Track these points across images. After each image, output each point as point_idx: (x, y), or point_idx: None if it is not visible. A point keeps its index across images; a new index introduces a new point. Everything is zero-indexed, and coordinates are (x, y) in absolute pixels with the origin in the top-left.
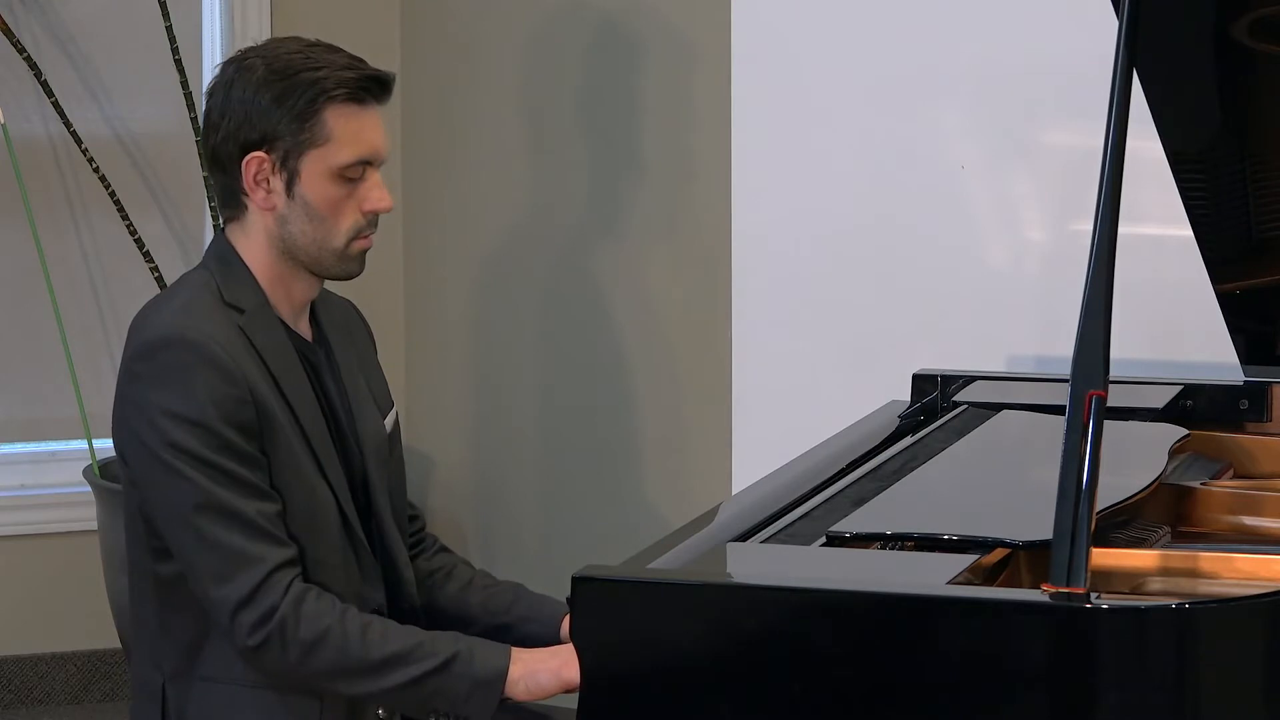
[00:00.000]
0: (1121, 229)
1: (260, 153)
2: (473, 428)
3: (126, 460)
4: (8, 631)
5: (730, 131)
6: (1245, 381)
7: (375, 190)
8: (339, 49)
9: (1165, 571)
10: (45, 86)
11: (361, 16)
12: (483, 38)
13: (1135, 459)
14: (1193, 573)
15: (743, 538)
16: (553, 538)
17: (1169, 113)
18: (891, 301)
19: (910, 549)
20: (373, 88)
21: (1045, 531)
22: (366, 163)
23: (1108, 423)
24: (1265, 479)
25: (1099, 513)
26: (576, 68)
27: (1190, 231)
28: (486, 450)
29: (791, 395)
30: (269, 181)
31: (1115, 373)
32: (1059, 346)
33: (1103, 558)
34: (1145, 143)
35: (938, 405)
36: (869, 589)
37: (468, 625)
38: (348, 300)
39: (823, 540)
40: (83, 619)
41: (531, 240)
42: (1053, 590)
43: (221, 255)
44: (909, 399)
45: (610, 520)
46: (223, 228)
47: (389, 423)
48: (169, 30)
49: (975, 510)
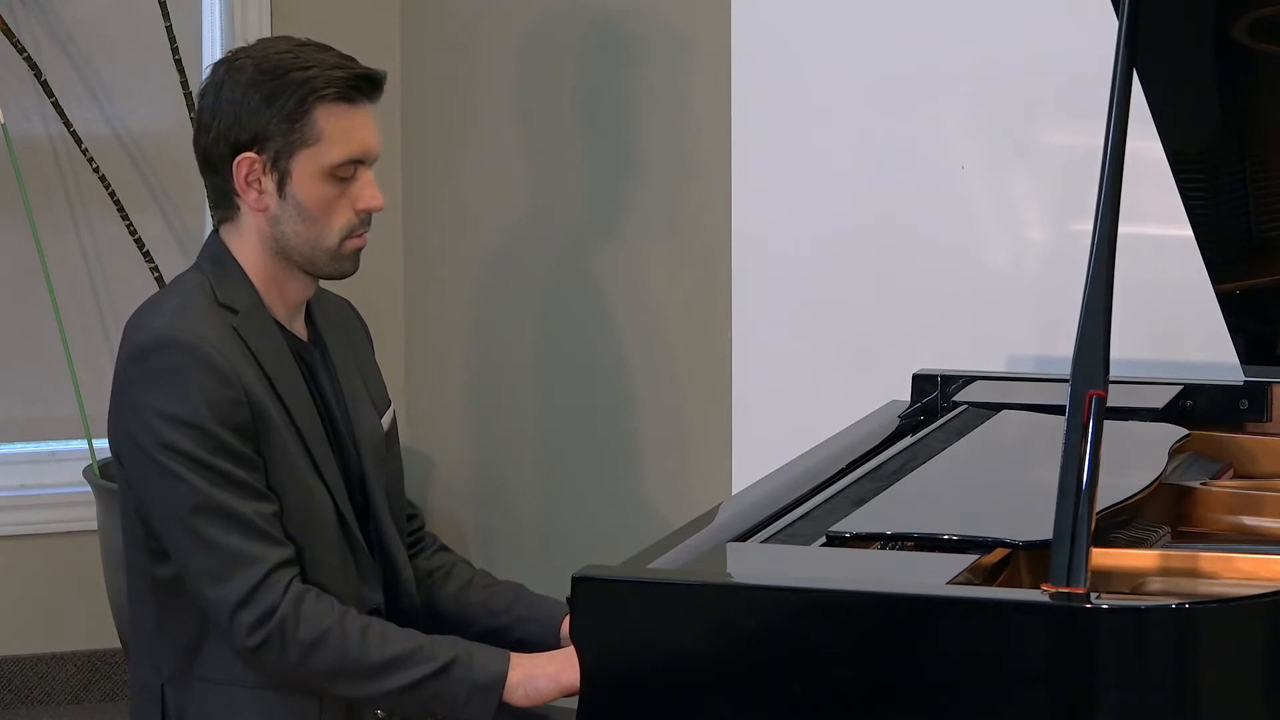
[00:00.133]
0: (1121, 229)
1: (251, 153)
2: (473, 428)
3: (122, 462)
4: (8, 631)
5: (730, 131)
6: (1245, 381)
7: (368, 189)
8: (329, 48)
9: (1165, 571)
10: (45, 86)
11: (361, 16)
12: (482, 38)
13: (1135, 459)
14: (1193, 573)
15: (743, 538)
16: (553, 538)
17: (1169, 113)
18: (891, 301)
19: (910, 549)
20: (363, 86)
21: (1045, 531)
22: (358, 161)
23: (1108, 423)
24: (1265, 479)
25: (1099, 513)
26: (576, 68)
27: (1190, 231)
28: (486, 450)
29: (791, 395)
30: (260, 182)
31: (1115, 373)
32: (1059, 346)
33: (1103, 558)
34: (1145, 143)
35: (938, 405)
36: (869, 589)
37: (467, 625)
38: (344, 299)
39: (823, 540)
40: (83, 619)
41: (532, 240)
42: (1053, 590)
43: (215, 256)
44: (909, 399)
45: (610, 520)
46: (216, 229)
47: (386, 421)
48: (169, 30)
49: (975, 510)
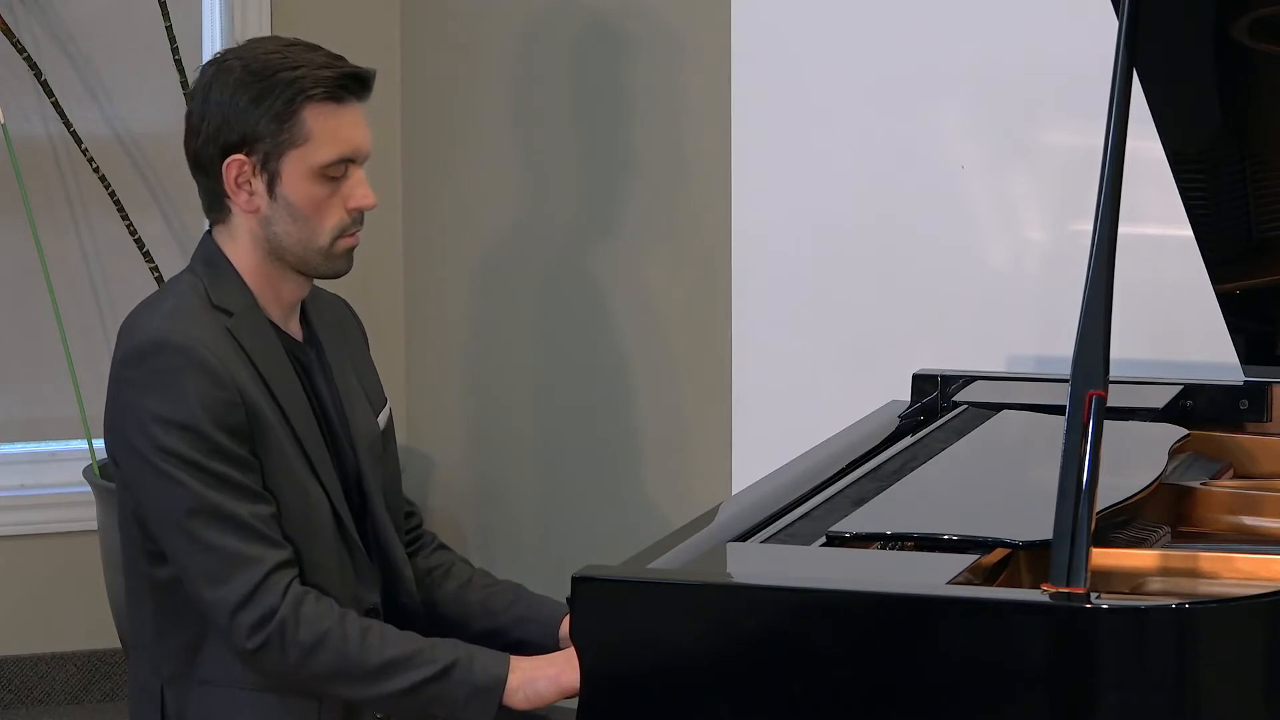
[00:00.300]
0: (1121, 229)
1: (240, 155)
2: (473, 428)
3: (119, 465)
4: (8, 631)
5: (730, 131)
6: (1245, 381)
7: (359, 188)
8: (317, 47)
9: (1165, 571)
10: (45, 86)
11: (361, 16)
12: (482, 38)
13: (1135, 459)
14: (1193, 573)
15: (743, 538)
16: (552, 538)
17: (1169, 113)
18: (891, 301)
19: (910, 549)
20: (351, 85)
21: (1045, 531)
22: (348, 160)
23: (1108, 423)
24: (1265, 479)
25: (1099, 513)
26: (576, 69)
27: (1190, 231)
28: (486, 450)
29: (791, 395)
30: (251, 183)
31: (1115, 373)
32: (1059, 346)
33: (1103, 558)
34: (1145, 143)
35: (938, 405)
36: (869, 589)
37: (466, 624)
38: (339, 297)
39: (823, 540)
40: (83, 619)
41: (532, 240)
42: (1053, 590)
43: (208, 258)
44: (909, 399)
45: (610, 520)
46: (209, 230)
47: (382, 420)
48: (169, 30)
49: (975, 510)
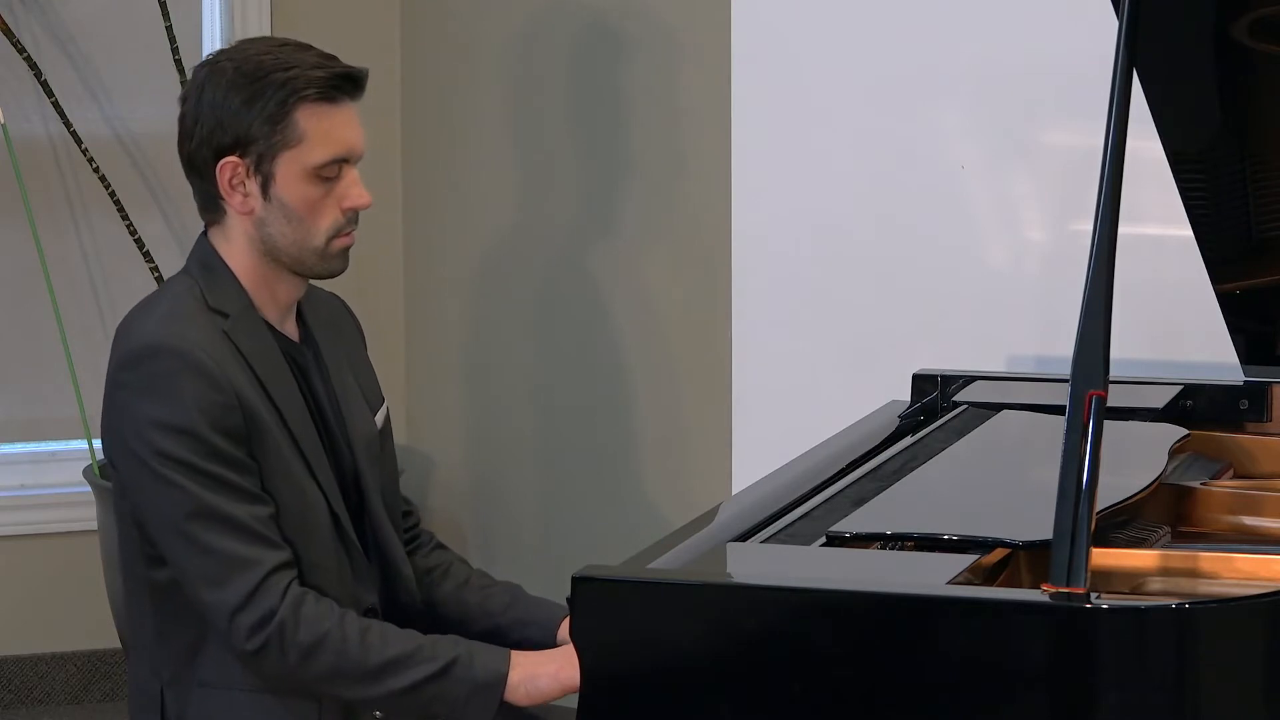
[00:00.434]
0: (1121, 229)
1: (234, 157)
2: (472, 428)
3: (117, 468)
4: (8, 631)
5: (730, 131)
6: (1245, 381)
7: (354, 188)
8: (309, 47)
9: (1165, 571)
10: (45, 86)
11: (361, 16)
12: (483, 38)
13: (1135, 459)
14: (1193, 573)
15: (743, 538)
16: (552, 538)
17: (1169, 113)
18: (891, 301)
19: (910, 549)
20: (344, 85)
21: (1045, 531)
22: (342, 160)
23: (1108, 423)
24: (1265, 479)
25: (1099, 513)
26: (577, 68)
27: (1190, 231)
28: (486, 450)
29: (791, 395)
30: (245, 185)
31: (1115, 373)
32: (1059, 346)
33: (1103, 558)
34: (1145, 143)
35: (938, 405)
36: (869, 589)
37: (464, 625)
38: (335, 295)
39: (823, 540)
40: (83, 619)
41: (532, 240)
42: (1053, 590)
43: (204, 260)
44: (909, 399)
45: (610, 520)
46: (204, 232)
47: (379, 419)
48: (169, 30)
49: (975, 510)
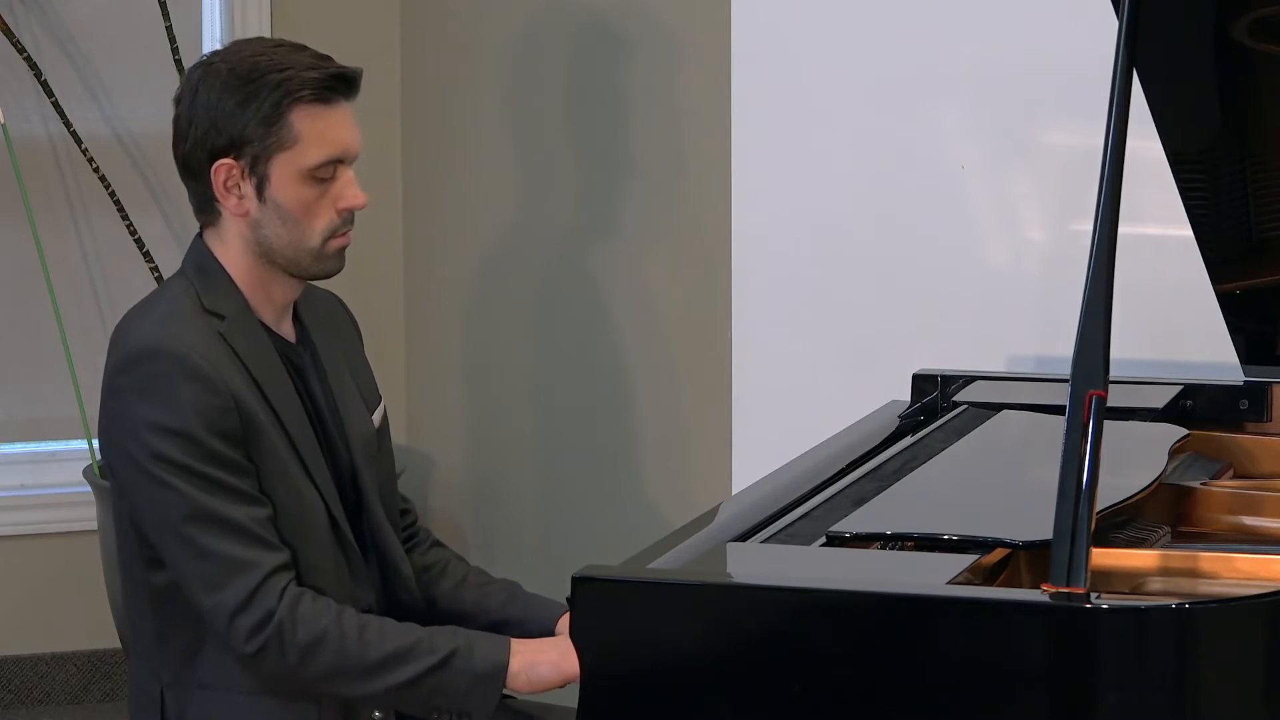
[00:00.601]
0: (1121, 229)
1: (229, 159)
2: (473, 428)
3: (114, 471)
4: (8, 631)
5: (730, 131)
6: (1245, 381)
7: (349, 188)
8: (304, 48)
9: (1165, 571)
10: (45, 86)
11: (361, 16)
12: (483, 38)
13: (1135, 459)
14: (1193, 573)
15: (743, 538)
16: (552, 538)
17: (1169, 113)
18: (891, 301)
19: (910, 549)
20: (339, 86)
21: (1045, 531)
22: (337, 161)
23: (1108, 423)
24: (1265, 479)
25: (1099, 513)
26: (577, 68)
27: (1190, 231)
28: (486, 450)
29: (791, 395)
30: (239, 187)
31: (1115, 373)
32: (1059, 346)
33: (1103, 558)
34: (1145, 143)
35: (938, 405)
36: (869, 589)
37: (461, 622)
38: (332, 294)
39: (823, 540)
40: (83, 619)
41: (532, 240)
42: (1053, 590)
43: (200, 262)
44: (909, 399)
45: (610, 520)
46: (200, 233)
47: (376, 418)
48: (169, 30)
49: (975, 510)
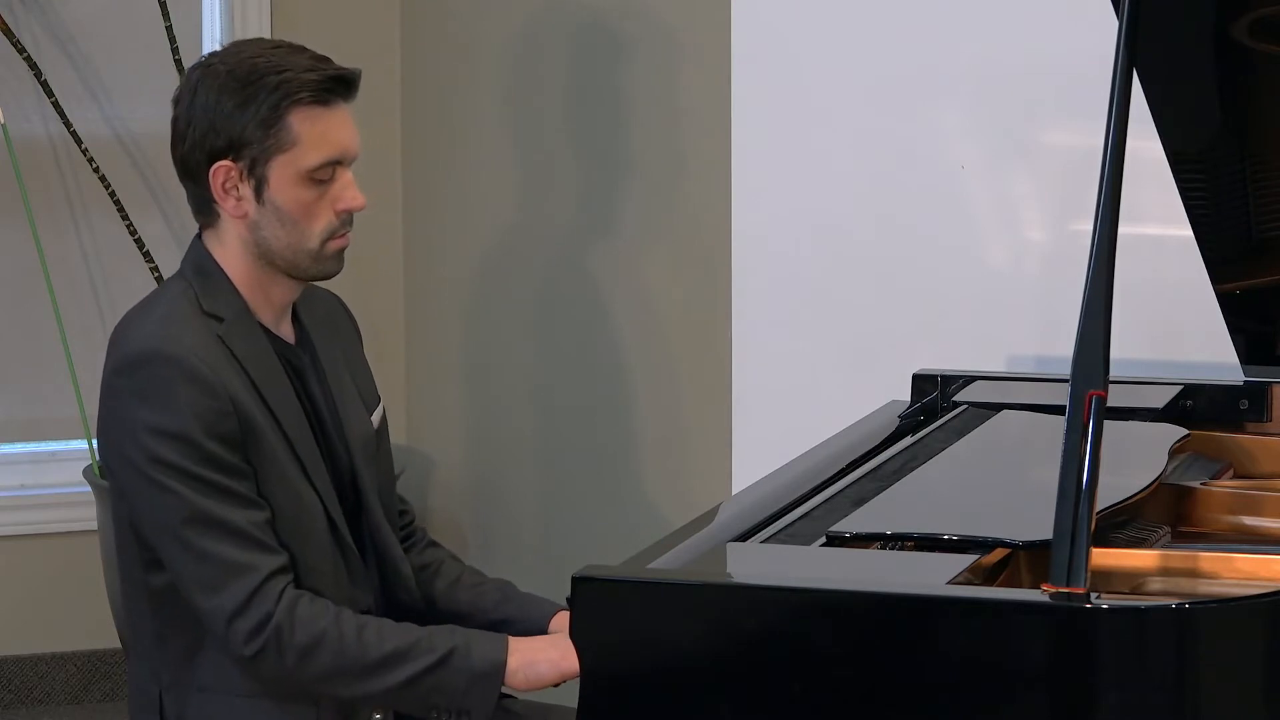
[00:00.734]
0: (1121, 229)
1: (227, 161)
2: (473, 428)
3: (113, 473)
4: (8, 631)
5: (730, 131)
6: (1245, 381)
7: (347, 190)
8: (303, 49)
9: (1165, 571)
10: (45, 86)
11: (361, 16)
12: (482, 38)
13: (1135, 459)
14: (1193, 573)
15: (743, 538)
16: (552, 538)
17: (1169, 113)
18: (891, 301)
19: (910, 549)
20: (337, 87)
21: (1045, 531)
22: (336, 163)
23: (1108, 423)
24: (1265, 479)
25: (1099, 513)
26: (577, 68)
27: (1190, 231)
28: (486, 450)
29: (791, 395)
30: (238, 189)
31: (1115, 373)
32: (1059, 346)
33: (1103, 558)
34: (1145, 143)
35: (938, 405)
36: (869, 589)
37: (456, 622)
38: (332, 293)
39: (823, 540)
40: (83, 619)
41: (532, 240)
42: (1053, 590)
43: (198, 264)
44: (909, 399)
45: (610, 520)
46: (199, 234)
47: (376, 419)
48: (169, 30)
49: (975, 510)
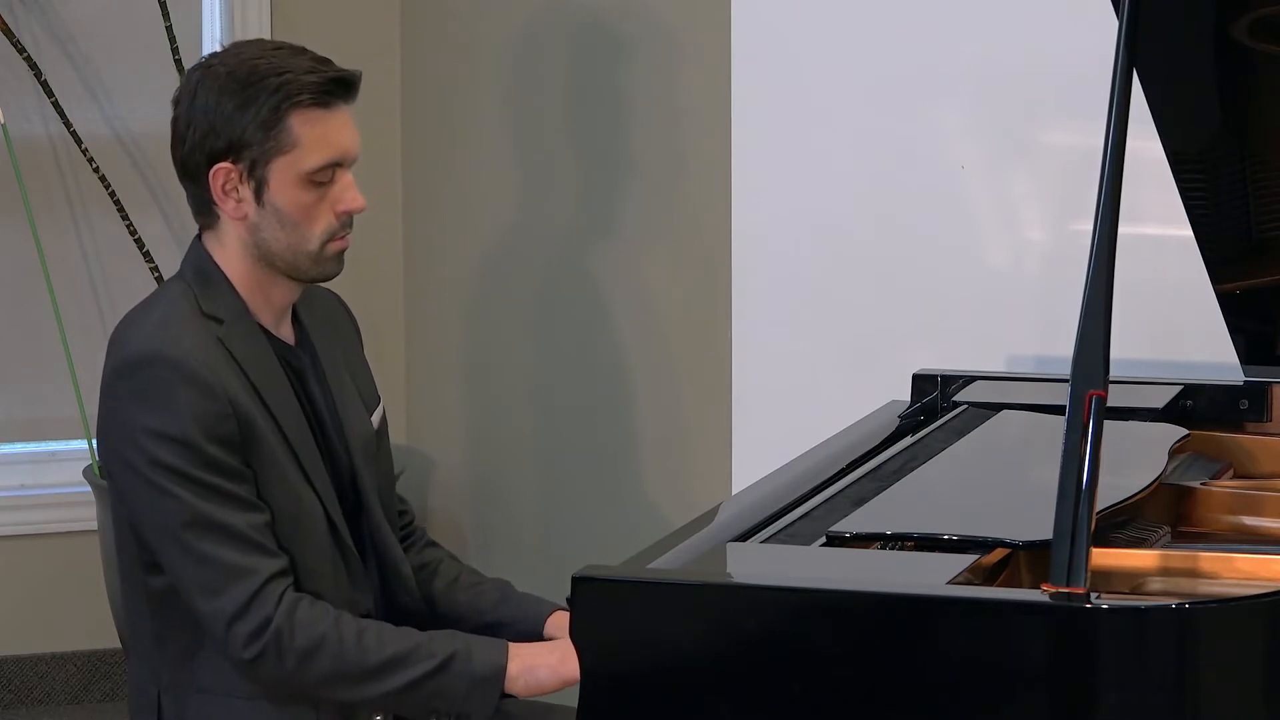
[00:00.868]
0: (1121, 229)
1: (227, 163)
2: (473, 428)
3: (113, 476)
4: (8, 631)
5: (730, 131)
6: (1245, 381)
7: (347, 191)
8: (304, 50)
9: (1165, 571)
10: (45, 86)
11: (361, 16)
12: (483, 38)
13: (1135, 459)
14: (1193, 573)
15: (743, 538)
16: (552, 538)
17: (1169, 113)
18: (891, 301)
19: (910, 549)
20: (338, 90)
21: (1045, 531)
22: (336, 165)
23: (1108, 423)
24: (1265, 479)
25: (1099, 513)
26: (577, 69)
27: (1190, 231)
28: (486, 450)
29: (791, 395)
30: (238, 191)
31: (1115, 373)
32: (1059, 346)
33: (1103, 558)
34: (1145, 143)
35: (938, 405)
36: (869, 589)
37: (454, 622)
38: (332, 293)
39: (823, 540)
40: (83, 619)
41: (532, 240)
42: (1053, 590)
43: (198, 265)
44: (909, 399)
45: (610, 520)
46: (199, 236)
47: (376, 419)
48: (169, 30)
49: (975, 510)
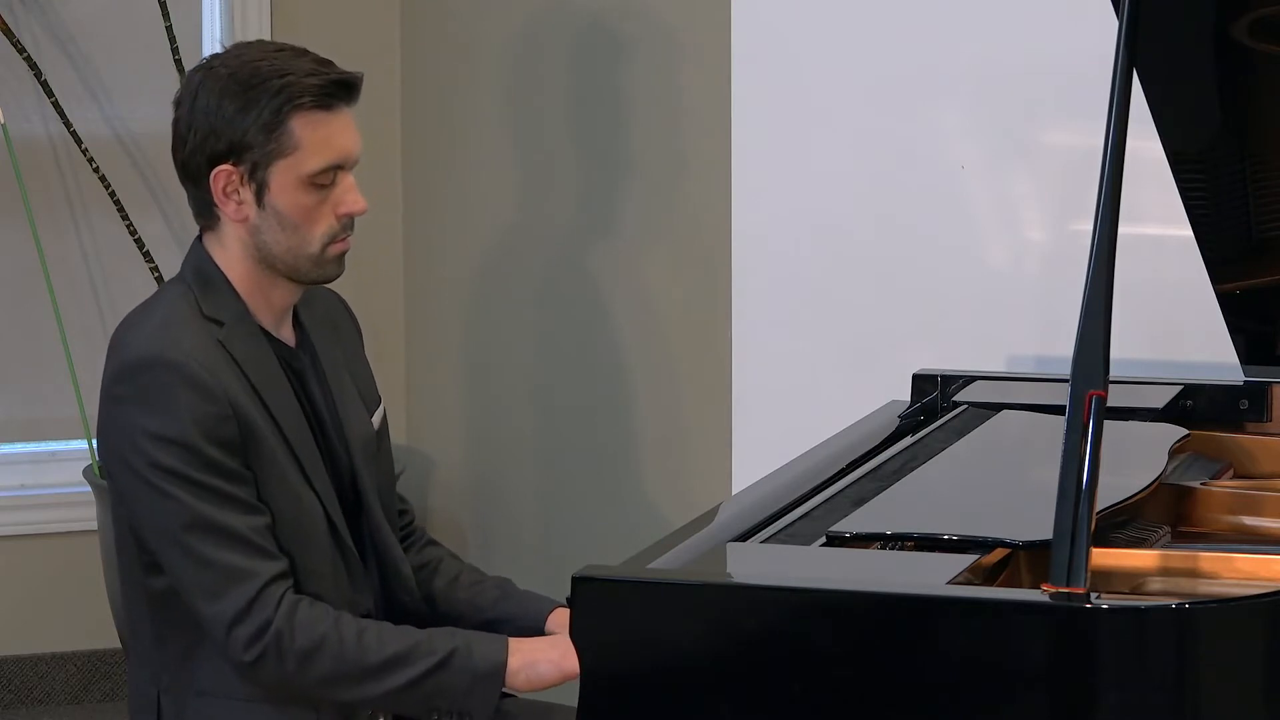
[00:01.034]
0: (1121, 229)
1: (228, 165)
2: (473, 428)
3: (113, 478)
4: (8, 631)
5: (730, 131)
6: (1245, 381)
7: (349, 194)
8: (305, 52)
9: (1165, 571)
10: (45, 86)
11: (361, 16)
12: (483, 38)
13: (1135, 459)
14: (1193, 573)
15: (743, 538)
16: (552, 538)
17: (1169, 113)
18: (891, 301)
19: (910, 549)
20: (339, 92)
21: (1045, 531)
22: (337, 167)
23: (1108, 423)
24: (1265, 479)
25: (1099, 513)
26: (577, 69)
27: (1190, 231)
28: (486, 450)
29: (791, 395)
30: (239, 193)
31: (1115, 373)
32: (1059, 346)
33: (1103, 558)
34: (1145, 143)
35: (938, 405)
36: (869, 589)
37: (454, 621)
38: (334, 293)
39: (823, 540)
40: (83, 619)
41: (532, 240)
42: (1053, 590)
43: (199, 267)
44: (909, 399)
45: (610, 520)
46: (199, 237)
47: (376, 420)
48: (169, 30)
49: (975, 510)
